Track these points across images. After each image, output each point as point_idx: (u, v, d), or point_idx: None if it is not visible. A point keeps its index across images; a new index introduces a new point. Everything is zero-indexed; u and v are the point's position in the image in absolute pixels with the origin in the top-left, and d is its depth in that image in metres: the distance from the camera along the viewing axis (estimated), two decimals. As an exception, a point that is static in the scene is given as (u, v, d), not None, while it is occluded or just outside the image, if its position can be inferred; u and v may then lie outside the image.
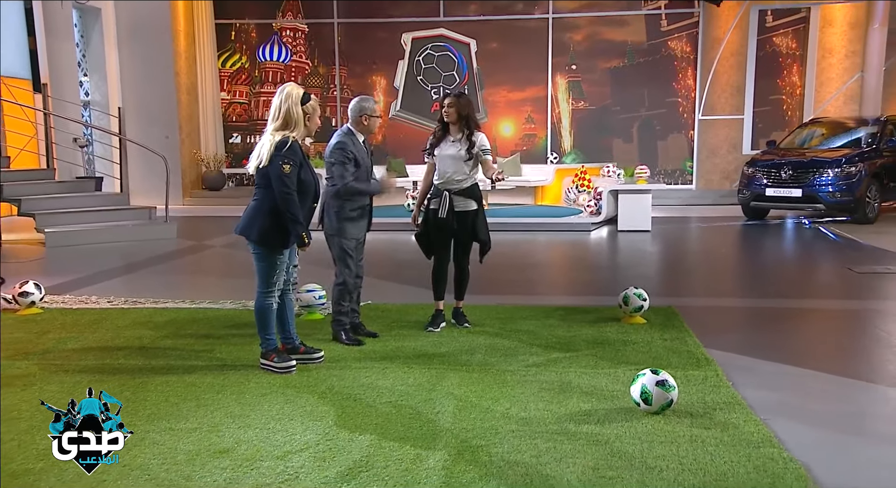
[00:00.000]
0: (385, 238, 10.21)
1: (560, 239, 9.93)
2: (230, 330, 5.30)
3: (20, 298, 5.69)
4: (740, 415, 3.59)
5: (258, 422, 3.57)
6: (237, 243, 9.61)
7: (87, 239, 9.37)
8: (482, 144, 5.10)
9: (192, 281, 7.59)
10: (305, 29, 14.95)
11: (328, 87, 15.06)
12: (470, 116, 5.10)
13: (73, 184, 10.79)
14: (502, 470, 3.04)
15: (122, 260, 8.43)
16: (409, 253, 9.17)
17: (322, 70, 15.05)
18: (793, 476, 2.95)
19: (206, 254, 9.15)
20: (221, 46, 15.05)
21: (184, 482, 2.98)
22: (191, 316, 5.70)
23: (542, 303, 6.26)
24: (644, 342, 4.87)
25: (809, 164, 10.82)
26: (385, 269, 7.95)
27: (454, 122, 5.04)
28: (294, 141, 4.23)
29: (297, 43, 15.04)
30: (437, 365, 4.44)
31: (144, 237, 9.80)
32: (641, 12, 14.16)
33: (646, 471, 3.01)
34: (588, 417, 3.60)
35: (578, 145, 14.48)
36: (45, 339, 5.04)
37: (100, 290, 6.65)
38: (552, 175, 13.05)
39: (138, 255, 8.68)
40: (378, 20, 14.66)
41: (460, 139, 5.04)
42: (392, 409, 3.73)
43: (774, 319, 5.65)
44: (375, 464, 3.11)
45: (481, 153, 5.07)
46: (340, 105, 15.02)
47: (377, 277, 7.31)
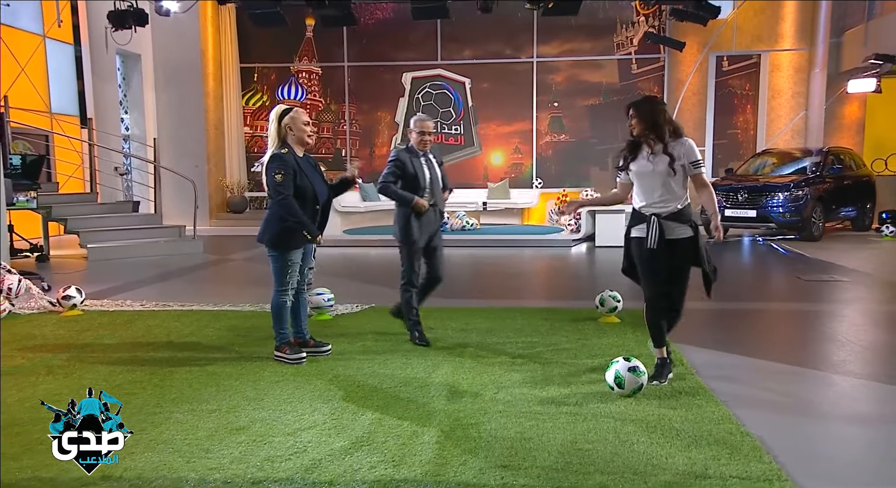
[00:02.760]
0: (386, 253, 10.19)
1: (544, 253, 9.91)
2: (248, 328, 5.26)
3: (63, 301, 5.66)
4: (703, 398, 3.56)
5: (271, 405, 3.54)
6: (256, 257, 9.61)
7: (124, 253, 9.32)
8: (688, 155, 3.71)
9: (215, 288, 7.55)
10: (319, 71, 15.01)
11: (339, 121, 15.10)
12: (661, 123, 3.73)
13: (113, 206, 10.77)
14: (490, 443, 3.01)
15: (154, 271, 8.40)
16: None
17: (334, 107, 15.10)
18: (749, 447, 2.92)
19: (229, 266, 9.12)
20: (245, 87, 15.10)
21: (203, 454, 2.94)
22: (213, 316, 5.67)
23: (527, 305, 6.24)
24: (618, 337, 4.84)
25: (762, 189, 10.84)
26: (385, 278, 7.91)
27: (642, 133, 3.77)
28: (285, 153, 4.18)
29: (311, 83, 15.10)
30: (432, 357, 4.40)
31: (174, 252, 9.76)
32: (614, 57, 14.27)
33: (619, 445, 2.97)
34: (567, 399, 3.56)
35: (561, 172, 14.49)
36: (84, 336, 5.01)
37: (133, 295, 6.61)
38: (537, 198, 13.08)
39: (168, 267, 8.65)
40: (382, 63, 14.74)
41: (658, 152, 3.73)
42: (391, 394, 3.69)
43: (734, 319, 5.62)
44: (376, 440, 3.07)
45: (690, 167, 3.72)
46: (350, 138, 15.05)
47: (380, 284, 7.28)
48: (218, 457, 2.90)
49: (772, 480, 2.61)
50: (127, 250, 9.41)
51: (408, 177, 4.63)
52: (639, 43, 14.07)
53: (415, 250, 4.68)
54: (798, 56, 13.78)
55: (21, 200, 8.32)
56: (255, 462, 2.85)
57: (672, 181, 3.71)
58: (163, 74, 14.05)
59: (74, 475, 2.72)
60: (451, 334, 4.99)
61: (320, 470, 2.76)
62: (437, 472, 2.72)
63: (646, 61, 14.18)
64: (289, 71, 14.99)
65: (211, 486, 2.65)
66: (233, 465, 2.82)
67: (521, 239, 10.94)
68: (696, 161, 3.72)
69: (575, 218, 11.07)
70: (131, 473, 2.74)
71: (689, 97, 14.10)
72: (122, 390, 3.79)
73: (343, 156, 14.98)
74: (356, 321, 5.47)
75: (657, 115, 3.73)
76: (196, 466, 2.81)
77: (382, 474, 2.72)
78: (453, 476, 2.69)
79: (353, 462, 2.83)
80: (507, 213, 12.95)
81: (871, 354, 4.62)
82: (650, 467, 2.74)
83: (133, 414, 3.40)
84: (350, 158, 8.95)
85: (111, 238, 9.56)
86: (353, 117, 15.04)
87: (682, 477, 2.65)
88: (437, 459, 2.84)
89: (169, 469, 2.79)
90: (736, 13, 13.54)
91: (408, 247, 4.68)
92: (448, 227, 11.44)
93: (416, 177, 4.64)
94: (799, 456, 2.92)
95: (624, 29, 14.18)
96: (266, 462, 2.85)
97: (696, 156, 3.72)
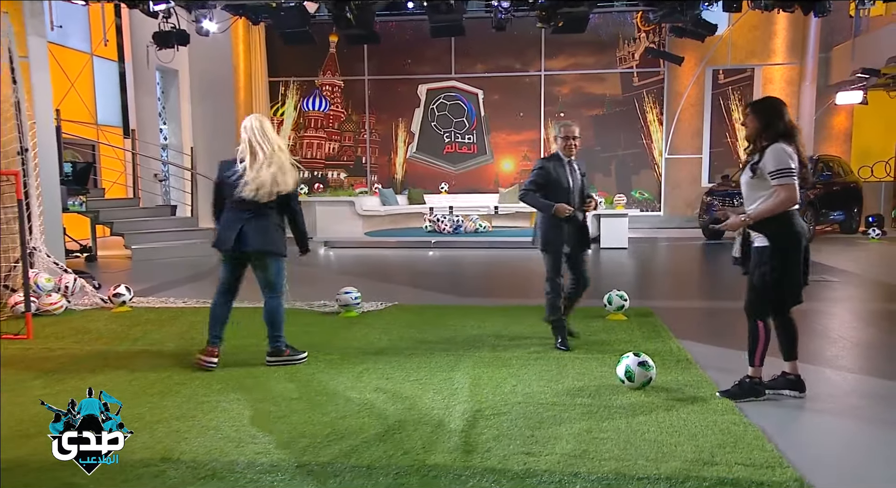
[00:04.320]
0: (405, 253, 10.27)
1: (551, 254, 9.92)
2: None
3: (114, 298, 5.76)
4: (707, 390, 3.59)
5: (308, 396, 3.59)
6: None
7: (164, 254, 9.43)
8: (775, 161, 3.24)
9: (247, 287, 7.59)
10: (341, 84, 15.09)
11: (360, 131, 15.17)
12: (771, 124, 3.30)
13: (153, 210, 10.89)
14: (511, 432, 3.05)
15: (192, 270, 8.49)
16: (424, 265, 9.22)
17: (355, 117, 15.17)
18: (752, 436, 2.95)
19: (261, 266, 9.19)
20: (273, 99, 15.21)
21: (250, 439, 3.00)
22: (248, 314, 5.65)
23: (538, 303, 6.25)
24: (625, 333, 4.86)
25: (757, 194, 10.80)
26: (405, 277, 7.99)
27: (749, 137, 3.42)
28: None
29: (334, 95, 15.18)
30: (453, 352, 4.44)
31: (210, 253, 9.73)
32: (617, 71, 14.26)
33: (630, 433, 3.01)
34: (581, 392, 3.60)
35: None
36: (134, 331, 5.10)
37: (175, 294, 6.70)
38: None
39: (205, 267, 8.74)
40: (400, 76, 14.81)
41: (756, 153, 3.35)
42: (418, 386, 3.74)
43: (732, 316, 5.60)
44: (406, 428, 3.12)
45: (768, 176, 3.26)
46: (370, 146, 15.13)
47: (400, 284, 7.35)
48: (264, 443, 2.97)
49: (774, 467, 2.65)
50: (167, 251, 9.53)
51: (552, 184, 4.38)
52: (640, 57, 14.04)
53: (557, 256, 4.45)
54: (789, 70, 13.74)
55: (73, 205, 8.45)
56: (298, 448, 2.91)
57: (754, 188, 3.34)
58: (198, 88, 14.20)
59: (137, 457, 2.79)
60: (469, 331, 5.02)
61: (358, 455, 2.82)
62: (465, 458, 2.77)
63: (646, 74, 14.16)
64: (313, 84, 15.09)
65: (259, 469, 2.71)
66: (278, 450, 2.88)
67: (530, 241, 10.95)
68: (777, 170, 3.23)
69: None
70: (187, 456, 2.82)
71: (686, 108, 14.07)
72: (172, 380, 3.87)
73: (363, 163, 15.06)
74: (381, 318, 5.51)
75: (770, 117, 3.32)
76: (245, 450, 2.88)
77: (415, 459, 2.77)
78: (479, 461, 2.74)
79: (387, 448, 2.89)
80: (517, 217, 12.97)
81: (862, 350, 4.63)
82: (661, 454, 2.78)
83: (183, 403, 3.48)
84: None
85: (152, 240, 9.69)
86: (373, 127, 15.11)
87: (690, 463, 2.69)
88: (463, 446, 2.89)
89: (220, 453, 2.86)
90: (731, 30, 13.50)
91: (549, 253, 4.46)
92: (462, 230, 11.50)
93: (561, 184, 4.39)
94: (798, 444, 2.95)
95: (626, 44, 14.16)
96: (308, 448, 2.91)
97: (780, 165, 3.22)
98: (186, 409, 3.38)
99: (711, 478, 2.55)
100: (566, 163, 4.44)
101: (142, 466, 2.72)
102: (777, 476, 2.57)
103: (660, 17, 9.08)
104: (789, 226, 3.29)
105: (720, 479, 2.54)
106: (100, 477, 2.59)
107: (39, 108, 5.83)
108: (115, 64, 11.78)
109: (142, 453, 2.85)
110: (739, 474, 2.58)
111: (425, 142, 14.89)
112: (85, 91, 11.04)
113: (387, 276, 8.06)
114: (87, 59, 11.10)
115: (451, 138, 14.79)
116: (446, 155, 14.84)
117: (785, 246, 3.30)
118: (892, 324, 5.36)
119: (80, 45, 10.87)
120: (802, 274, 3.36)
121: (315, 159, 15.25)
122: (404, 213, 12.96)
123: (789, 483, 2.52)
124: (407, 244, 11.00)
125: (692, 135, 14.18)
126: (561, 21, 8.53)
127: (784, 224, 3.28)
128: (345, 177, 15.18)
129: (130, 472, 2.67)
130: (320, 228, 11.82)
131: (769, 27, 13.59)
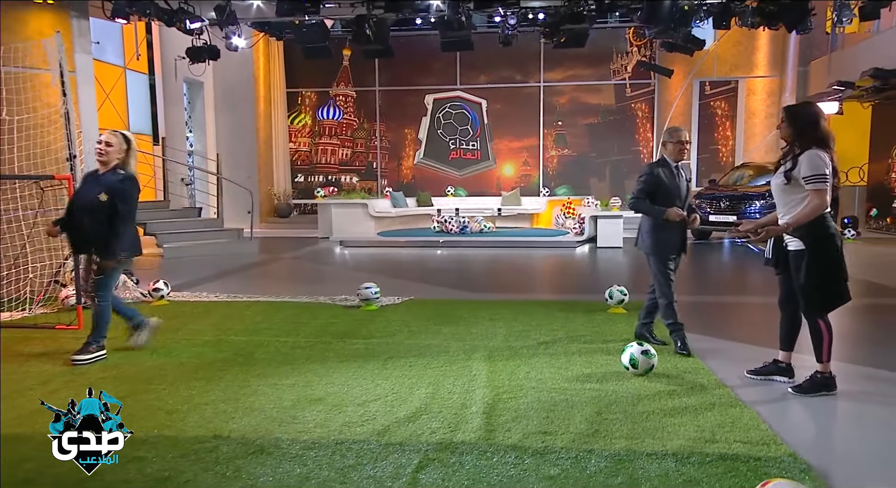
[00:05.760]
0: (415, 252, 10.35)
1: (552, 253, 10.02)
2: (308, 317, 5.37)
3: (153, 293, 5.85)
4: (704, 377, 3.67)
5: (340, 380, 3.67)
6: (303, 257, 9.78)
7: (193, 252, 9.51)
8: (809, 166, 3.17)
9: (273, 283, 7.71)
10: (354, 94, 15.18)
11: (371, 138, 15.26)
12: (805, 130, 3.26)
13: (180, 212, 10.96)
14: (528, 414, 3.13)
15: (220, 267, 8.58)
16: (434, 263, 9.30)
17: (366, 125, 15.26)
18: (747, 417, 3.04)
19: (281, 264, 9.29)
20: (290, 108, 15.30)
21: (290, 420, 3.08)
22: (276, 307, 5.80)
23: (543, 298, 6.35)
24: (626, 325, 4.92)
25: (741, 197, 10.87)
26: (417, 274, 8.07)
27: (785, 139, 3.35)
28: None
29: (347, 105, 15.26)
30: (469, 341, 4.51)
31: (235, 251, 9.94)
32: (611, 82, 14.34)
33: (637, 415, 3.10)
34: (589, 378, 3.68)
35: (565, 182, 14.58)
36: (173, 322, 5.16)
37: (207, 289, 6.78)
38: (545, 205, 13.16)
39: (232, 264, 8.84)
40: (409, 87, 14.90)
41: (788, 161, 3.29)
42: (439, 372, 3.81)
43: (720, 310, 5.72)
44: (432, 410, 3.20)
45: (802, 182, 3.20)
46: (380, 152, 15.22)
47: (413, 280, 7.43)
48: (303, 423, 3.05)
49: (769, 444, 2.73)
50: (195, 249, 9.61)
51: (663, 189, 4.15)
52: (632, 70, 14.14)
53: (666, 260, 4.23)
54: (770, 82, 13.85)
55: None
56: (335, 427, 2.99)
57: (788, 192, 3.29)
58: (221, 98, 14.28)
59: (191, 434, 2.88)
60: (482, 323, 5.09)
61: (390, 434, 2.90)
62: (488, 437, 2.86)
63: (638, 86, 14.25)
64: (328, 94, 15.18)
65: (301, 446, 2.79)
66: (317, 429, 2.97)
67: (532, 240, 11.04)
68: (812, 176, 3.16)
69: (579, 222, 11.15)
70: (236, 434, 2.91)
71: (675, 117, 14.15)
72: (214, 367, 3.96)
73: (374, 168, 15.15)
74: (399, 311, 5.58)
75: (805, 122, 3.26)
76: (287, 429, 2.97)
77: (442, 438, 2.85)
78: (501, 439, 2.83)
79: (416, 428, 2.97)
80: (518, 218, 13.06)
81: (840, 341, 4.68)
82: (666, 433, 2.86)
83: (227, 387, 3.57)
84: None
85: (182, 239, 9.77)
86: (383, 134, 15.20)
87: (693, 441, 2.77)
88: (486, 426, 2.98)
89: (265, 431, 2.94)
90: (717, 45, 13.58)
91: (659, 257, 4.23)
92: (468, 230, 11.58)
93: (670, 189, 4.16)
94: (789, 424, 3.04)
95: (619, 58, 14.25)
96: (344, 427, 2.99)
97: (815, 171, 3.15)
98: (230, 393, 3.47)
99: (713, 454, 2.63)
100: (673, 168, 4.21)
101: (196, 442, 2.81)
102: (772, 452, 2.65)
103: (655, 34, 9.17)
104: (822, 230, 3.24)
105: (721, 455, 2.63)
106: (162, 452, 2.69)
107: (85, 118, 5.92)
108: (145, 76, 11.86)
109: (194, 431, 2.93)
110: (738, 450, 2.67)
111: (432, 148, 14.98)
112: (118, 101, 11.14)
113: (400, 273, 8.14)
114: (121, 72, 11.19)
115: (456, 145, 14.88)
116: (452, 160, 14.93)
117: (820, 248, 3.24)
118: (870, 317, 5.45)
119: (115, 60, 10.96)
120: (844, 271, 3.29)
121: (329, 164, 15.35)
122: (414, 215, 13.04)
123: (783, 457, 2.60)
124: (417, 243, 11.08)
125: (681, 143, 14.27)
126: (563, 37, 8.62)
127: (817, 227, 3.23)
128: (357, 180, 15.27)
129: (187, 447, 2.75)
130: (336, 229, 11.91)
131: (752, 43, 13.69)
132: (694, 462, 2.57)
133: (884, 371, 3.89)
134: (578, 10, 7.78)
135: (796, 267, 3.31)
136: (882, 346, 4.53)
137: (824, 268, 3.24)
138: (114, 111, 10.92)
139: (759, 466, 2.52)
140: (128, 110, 11.38)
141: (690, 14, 7.86)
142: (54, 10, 6.81)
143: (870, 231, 12.40)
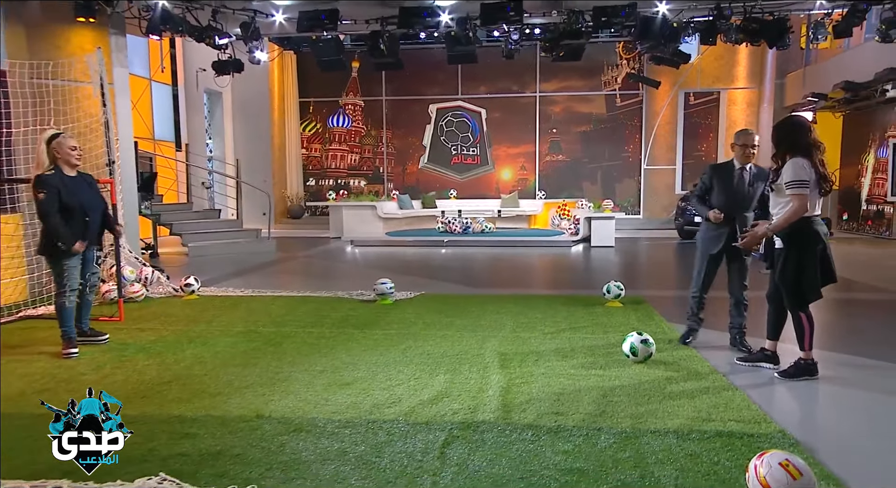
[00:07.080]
0: (422, 251, 10.43)
1: (549, 252, 10.12)
2: (329, 310, 5.44)
3: (185, 288, 5.93)
4: (698, 364, 3.77)
5: (365, 367, 3.75)
6: (317, 255, 9.86)
7: (216, 251, 9.58)
8: (790, 173, 3.28)
9: (293, 278, 7.79)
10: (362, 104, 15.25)
11: (378, 145, 15.34)
12: (785, 142, 3.40)
13: (202, 213, 11.04)
14: (540, 397, 3.22)
15: (241, 265, 8.65)
16: (440, 260, 9.39)
17: (374, 133, 15.34)
18: (739, 399, 3.14)
19: (298, 262, 9.36)
20: (303, 117, 15.37)
21: (324, 402, 3.17)
22: (299, 301, 5.86)
23: (545, 293, 6.44)
24: (623, 317, 5.02)
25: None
26: (425, 271, 8.15)
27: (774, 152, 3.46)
28: (50, 174, 3.87)
29: (356, 114, 15.34)
30: (480, 332, 4.59)
31: (254, 250, 10.01)
32: (602, 93, 14.45)
33: (639, 397, 3.19)
34: (593, 365, 3.77)
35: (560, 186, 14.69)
36: (205, 315, 5.26)
37: (232, 284, 6.84)
38: (541, 207, 13.26)
39: (252, 262, 8.91)
40: (414, 97, 14.98)
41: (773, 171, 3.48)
42: (455, 360, 3.89)
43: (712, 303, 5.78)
44: (452, 393, 3.29)
45: (784, 187, 3.31)
46: (387, 158, 15.30)
47: (423, 276, 7.52)
48: (336, 405, 3.14)
49: (760, 422, 2.84)
50: (217, 248, 9.68)
51: (718, 189, 4.07)
52: (622, 81, 14.25)
53: (705, 256, 4.13)
54: (750, 93, 14.00)
55: (142, 209, 8.61)
56: (365, 408, 3.08)
57: (776, 196, 3.42)
58: (239, 108, 14.37)
59: (235, 414, 2.97)
60: (490, 315, 5.17)
61: (416, 415, 2.99)
62: (506, 416, 2.95)
63: (627, 96, 14.37)
64: (337, 104, 15.25)
65: (336, 425, 2.88)
66: (349, 411, 3.06)
67: (530, 240, 11.14)
68: (791, 181, 3.26)
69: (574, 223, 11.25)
70: (276, 414, 3.00)
71: (662, 125, 14.29)
72: (248, 356, 4.04)
73: (381, 173, 15.24)
74: (412, 305, 5.66)
75: (787, 138, 3.38)
76: (321, 410, 3.06)
77: (464, 418, 2.94)
78: (518, 419, 2.92)
79: (439, 409, 3.06)
80: (517, 219, 13.15)
81: (820, 331, 4.80)
82: (666, 414, 2.96)
83: (262, 374, 3.66)
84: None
85: (205, 239, 9.84)
86: (390, 141, 15.28)
87: (692, 420, 2.88)
88: (502, 407, 3.07)
89: (303, 412, 3.04)
90: (700, 58, 13.71)
91: (699, 252, 4.19)
92: (470, 230, 11.68)
93: (727, 190, 4.04)
94: (777, 405, 3.14)
95: (610, 70, 14.36)
96: (374, 408, 3.08)
97: (794, 176, 3.25)
98: (266, 378, 3.56)
99: (710, 431, 2.74)
100: (738, 170, 4.04)
101: (241, 421, 2.90)
102: (763, 429, 2.76)
103: (646, 49, 9.29)
104: (803, 231, 3.31)
105: (718, 432, 2.73)
106: (211, 430, 2.78)
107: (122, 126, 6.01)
108: (169, 87, 11.96)
109: (238, 411, 3.02)
110: (733, 428, 2.77)
111: (435, 154, 15.07)
112: (144, 110, 11.22)
113: (409, 270, 8.22)
114: (147, 83, 11.27)
115: (457, 151, 14.98)
116: (453, 165, 15.03)
117: (798, 247, 3.33)
118: (845, 309, 5.56)
119: (141, 72, 11.05)
120: (826, 272, 3.36)
121: (339, 169, 15.42)
122: (419, 216, 13.14)
123: (774, 434, 2.71)
124: (422, 243, 11.18)
125: (667, 149, 14.40)
126: (562, 51, 8.74)
127: (798, 229, 3.31)
128: (364, 184, 15.35)
129: (233, 426, 2.84)
130: (347, 229, 12.00)
131: (732, 57, 13.82)
132: (694, 438, 2.67)
133: (860, 358, 4.00)
134: (577, 27, 7.89)
135: (779, 262, 3.44)
136: (858, 336, 4.65)
137: (799, 263, 3.34)
138: (140, 120, 10.99)
139: (752, 441, 2.62)
140: (153, 119, 11.46)
141: (679, 31, 7.97)
142: (95, 28, 6.92)
143: (842, 232, 12.55)
